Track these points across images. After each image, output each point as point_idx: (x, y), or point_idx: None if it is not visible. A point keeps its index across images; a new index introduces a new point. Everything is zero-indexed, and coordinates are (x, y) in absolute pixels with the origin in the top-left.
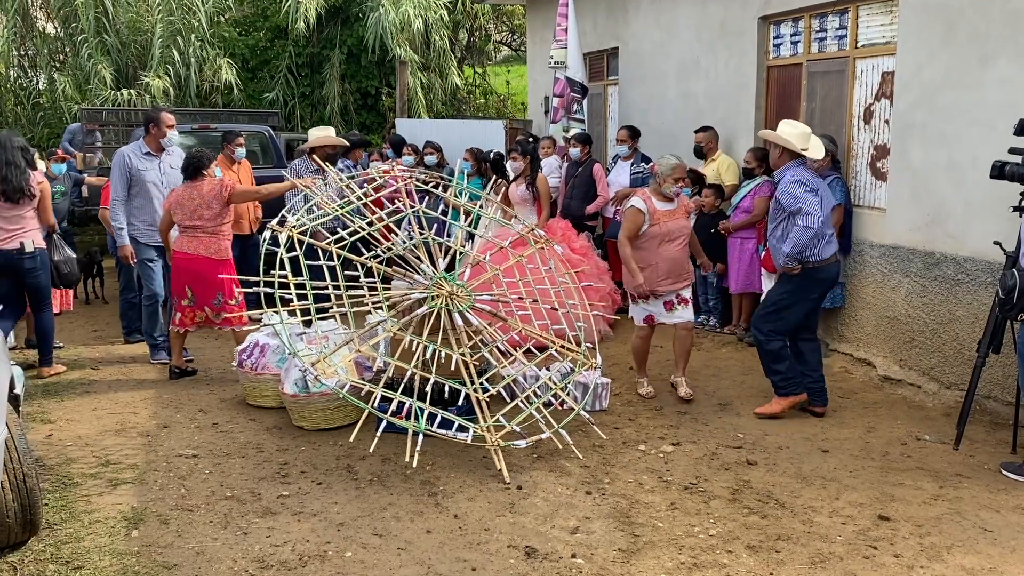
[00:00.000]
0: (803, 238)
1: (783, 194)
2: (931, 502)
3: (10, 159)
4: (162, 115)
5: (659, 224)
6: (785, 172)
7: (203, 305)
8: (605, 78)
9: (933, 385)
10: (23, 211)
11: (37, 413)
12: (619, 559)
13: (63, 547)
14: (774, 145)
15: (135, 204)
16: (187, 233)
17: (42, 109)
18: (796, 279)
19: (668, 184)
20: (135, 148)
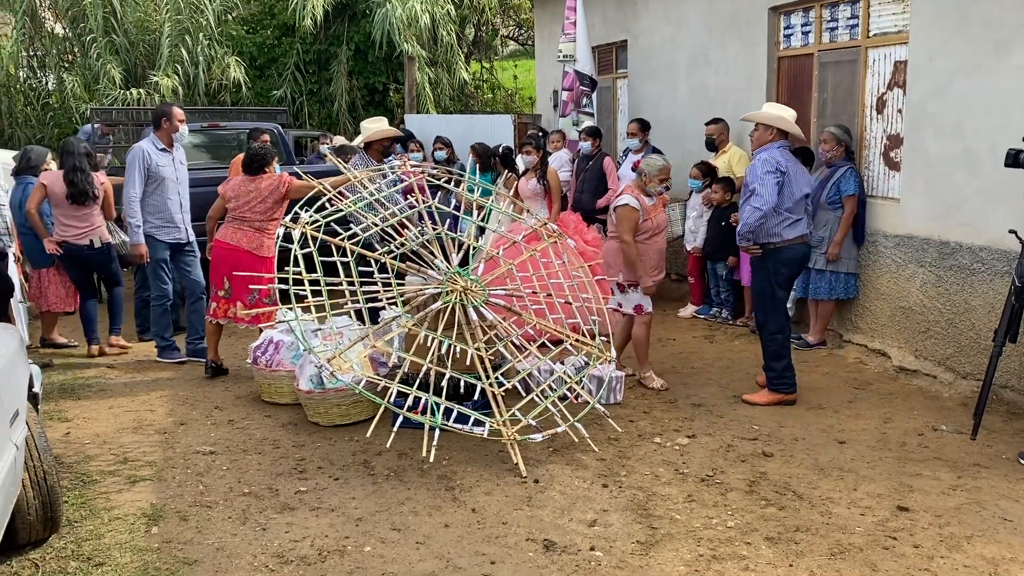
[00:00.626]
0: (752, 219)
1: (750, 170)
2: (950, 492)
3: (76, 164)
4: (173, 110)
5: (650, 219)
6: (762, 151)
7: (237, 300)
8: (614, 71)
9: (949, 375)
10: (91, 210)
11: (55, 412)
12: (638, 551)
13: (84, 544)
14: (763, 126)
15: (151, 201)
16: (233, 224)
17: (52, 109)
18: (765, 263)
19: (654, 184)
20: (151, 143)
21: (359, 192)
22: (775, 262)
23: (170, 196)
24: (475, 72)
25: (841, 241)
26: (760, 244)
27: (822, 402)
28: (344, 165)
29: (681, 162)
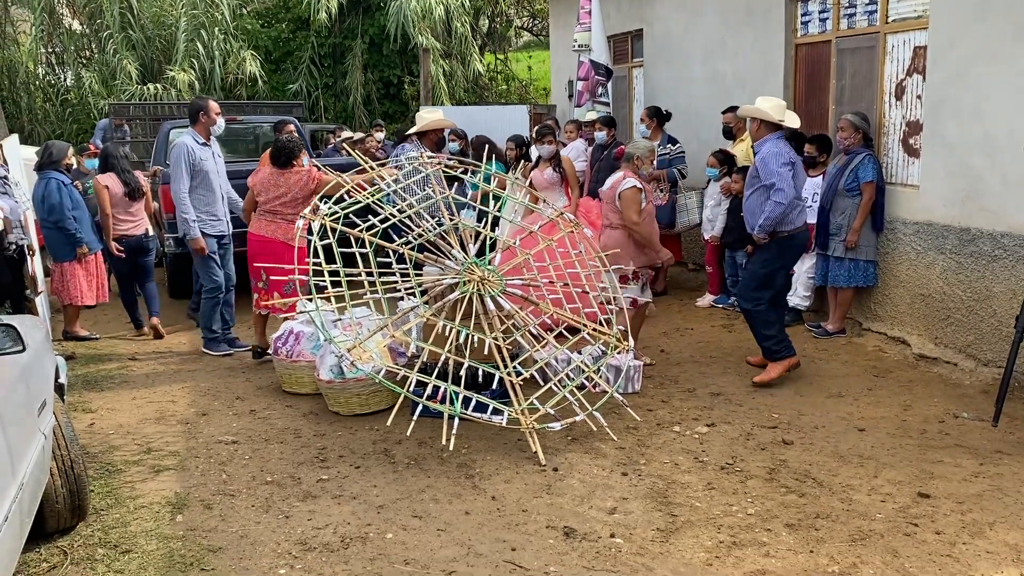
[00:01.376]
0: (775, 213)
1: (762, 164)
2: (971, 479)
3: (124, 167)
4: (209, 103)
5: (650, 202)
6: (764, 144)
7: (274, 291)
8: (630, 60)
9: (970, 363)
10: (140, 204)
11: (79, 403)
12: (658, 538)
13: (111, 532)
14: (751, 119)
15: (196, 195)
16: (265, 217)
17: (70, 105)
18: (773, 248)
19: (647, 166)
20: (191, 138)
21: (380, 184)
22: (787, 249)
23: (213, 189)
24: (489, 64)
25: (860, 228)
26: (772, 233)
27: (842, 390)
28: (361, 157)
29: (697, 151)
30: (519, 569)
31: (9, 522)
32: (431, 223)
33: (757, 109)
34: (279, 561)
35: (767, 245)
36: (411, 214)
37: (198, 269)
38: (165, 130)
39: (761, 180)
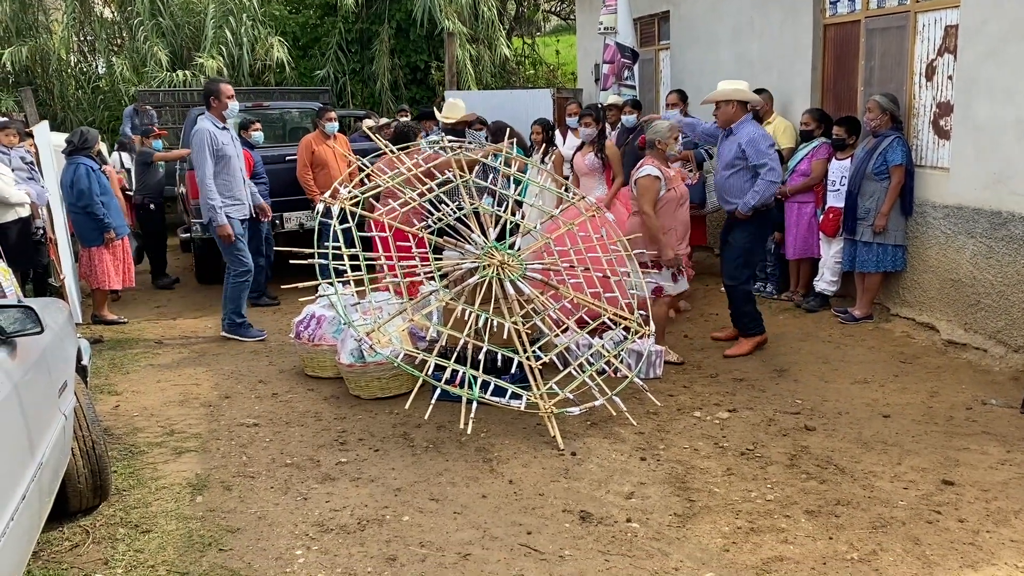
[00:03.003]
0: (770, 191)
1: (750, 146)
2: (997, 467)
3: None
4: (220, 86)
5: (673, 188)
6: (743, 125)
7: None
8: (656, 43)
9: (1000, 349)
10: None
11: (104, 385)
12: (675, 523)
13: (132, 512)
14: (724, 102)
15: (220, 180)
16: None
17: (101, 92)
18: (754, 224)
19: (672, 145)
20: (210, 123)
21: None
22: (767, 222)
23: (235, 173)
24: (516, 48)
25: (888, 212)
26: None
27: (867, 376)
28: (383, 142)
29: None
30: (534, 552)
31: (28, 500)
32: (451, 207)
33: (736, 91)
34: (296, 542)
35: (750, 220)
36: (431, 198)
37: (225, 254)
38: (192, 116)
39: (750, 161)
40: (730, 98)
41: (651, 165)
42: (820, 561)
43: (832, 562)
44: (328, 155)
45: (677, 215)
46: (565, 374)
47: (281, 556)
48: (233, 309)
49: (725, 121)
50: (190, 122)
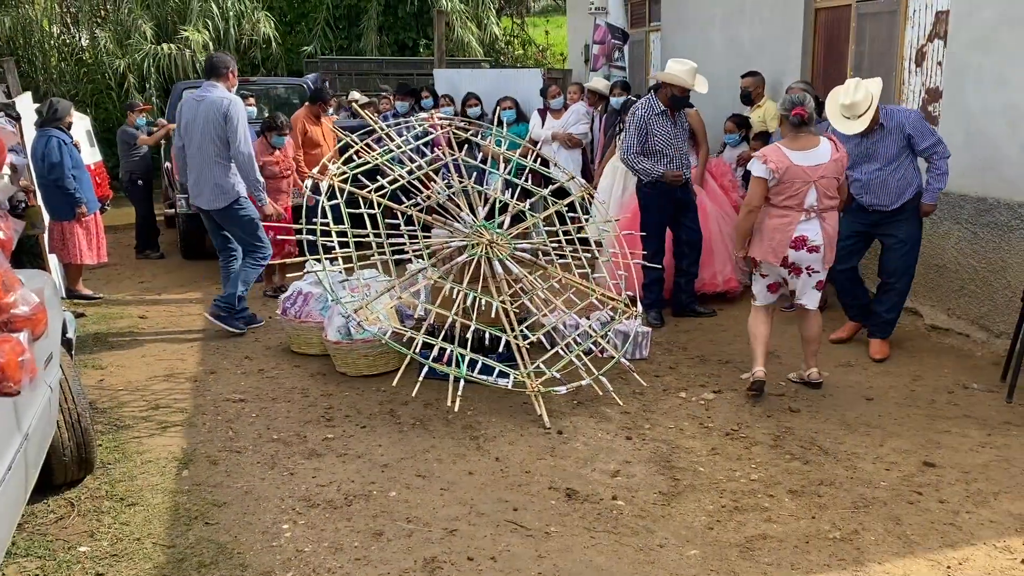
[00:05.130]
0: (947, 170)
1: (916, 129)
2: (978, 449)
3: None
4: (230, 59)
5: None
6: (894, 115)
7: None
8: (647, 24)
9: (983, 334)
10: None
11: (89, 360)
12: (660, 501)
13: (117, 485)
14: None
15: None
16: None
17: (85, 65)
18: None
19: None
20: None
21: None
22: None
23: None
24: (506, 28)
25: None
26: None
27: (851, 360)
28: (372, 117)
29: (715, 116)
30: (520, 529)
31: (14, 472)
32: (440, 185)
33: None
34: (282, 516)
35: (915, 209)
36: (420, 176)
37: (247, 235)
38: (179, 90)
39: (920, 145)
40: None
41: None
42: (803, 540)
43: (814, 541)
44: (319, 135)
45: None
46: (552, 354)
47: (267, 530)
48: (244, 291)
49: (872, 125)
50: (176, 96)
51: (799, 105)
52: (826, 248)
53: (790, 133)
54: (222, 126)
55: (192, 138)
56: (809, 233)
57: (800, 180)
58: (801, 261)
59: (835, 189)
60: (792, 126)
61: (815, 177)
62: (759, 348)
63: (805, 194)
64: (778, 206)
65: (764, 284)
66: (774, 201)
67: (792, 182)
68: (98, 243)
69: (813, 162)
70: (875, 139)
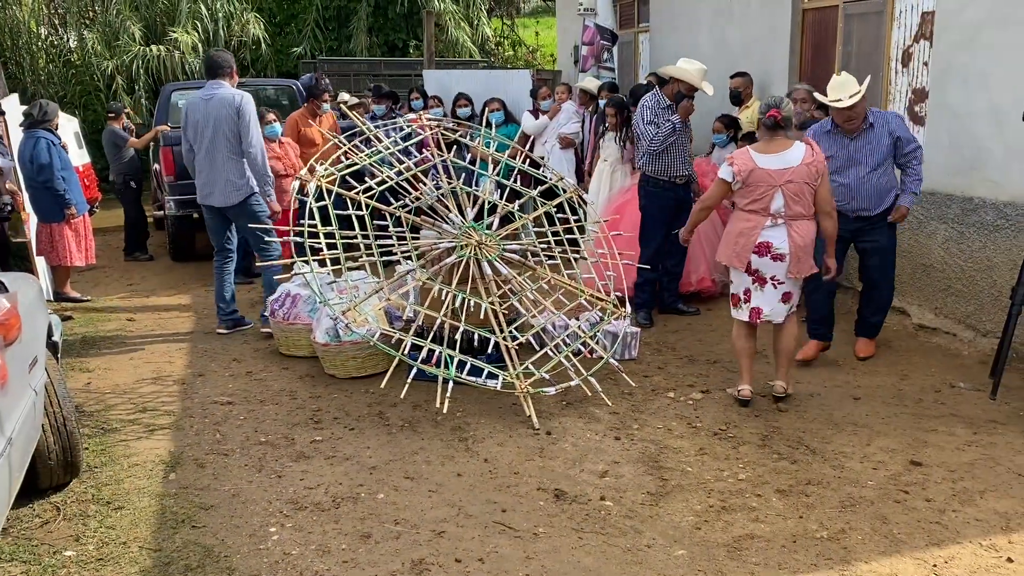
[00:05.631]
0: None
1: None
2: (964, 448)
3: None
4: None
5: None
6: (881, 114)
7: None
8: (636, 25)
9: (969, 333)
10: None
11: (76, 363)
12: (648, 502)
13: (104, 488)
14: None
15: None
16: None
17: (73, 67)
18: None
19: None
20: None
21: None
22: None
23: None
24: (496, 29)
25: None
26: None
27: (839, 359)
28: (360, 119)
29: (703, 116)
30: (508, 530)
31: None
32: (429, 186)
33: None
34: (270, 519)
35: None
36: (409, 177)
37: (252, 236)
38: (167, 92)
39: (904, 148)
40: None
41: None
42: (790, 539)
43: (802, 540)
44: (315, 135)
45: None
46: (541, 355)
47: (255, 533)
48: (269, 293)
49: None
50: (165, 98)
51: (775, 107)
52: (793, 258)
53: (764, 135)
54: (235, 121)
55: (202, 137)
56: (774, 240)
57: (765, 184)
58: (764, 269)
59: (807, 196)
60: (766, 128)
61: (781, 181)
62: (744, 362)
63: (771, 198)
64: (744, 209)
65: (732, 292)
66: (740, 204)
67: (756, 185)
68: (87, 245)
69: (780, 165)
70: (862, 141)
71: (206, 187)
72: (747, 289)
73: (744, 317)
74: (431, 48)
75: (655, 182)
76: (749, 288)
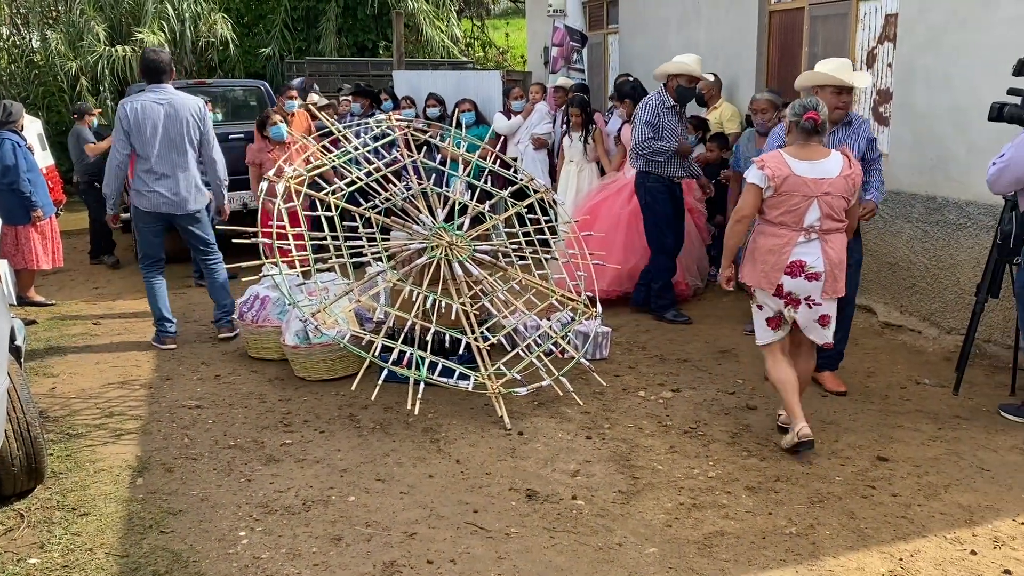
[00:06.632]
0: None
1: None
2: (929, 443)
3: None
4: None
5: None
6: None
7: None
8: (605, 27)
9: (934, 330)
10: None
11: (40, 367)
12: (619, 500)
13: (69, 495)
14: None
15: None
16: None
17: (36, 67)
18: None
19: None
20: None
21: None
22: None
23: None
24: (466, 30)
25: None
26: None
27: None
28: (330, 120)
29: None
30: (480, 530)
31: None
32: (399, 187)
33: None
34: (239, 523)
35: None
36: (379, 177)
37: (207, 237)
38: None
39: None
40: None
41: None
42: (760, 536)
43: (771, 536)
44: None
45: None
46: (513, 355)
47: (224, 537)
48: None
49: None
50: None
51: (812, 109)
52: (828, 276)
53: (798, 140)
54: (198, 128)
55: (161, 143)
56: (808, 258)
57: (800, 193)
58: (799, 290)
59: (842, 210)
60: (803, 132)
61: (819, 192)
62: (792, 398)
63: (805, 211)
64: (772, 222)
65: (763, 318)
66: (768, 216)
67: (791, 195)
68: (54, 248)
69: (819, 175)
70: (840, 137)
71: (169, 194)
72: (779, 312)
73: (781, 336)
74: (401, 49)
75: (655, 178)
76: (782, 311)
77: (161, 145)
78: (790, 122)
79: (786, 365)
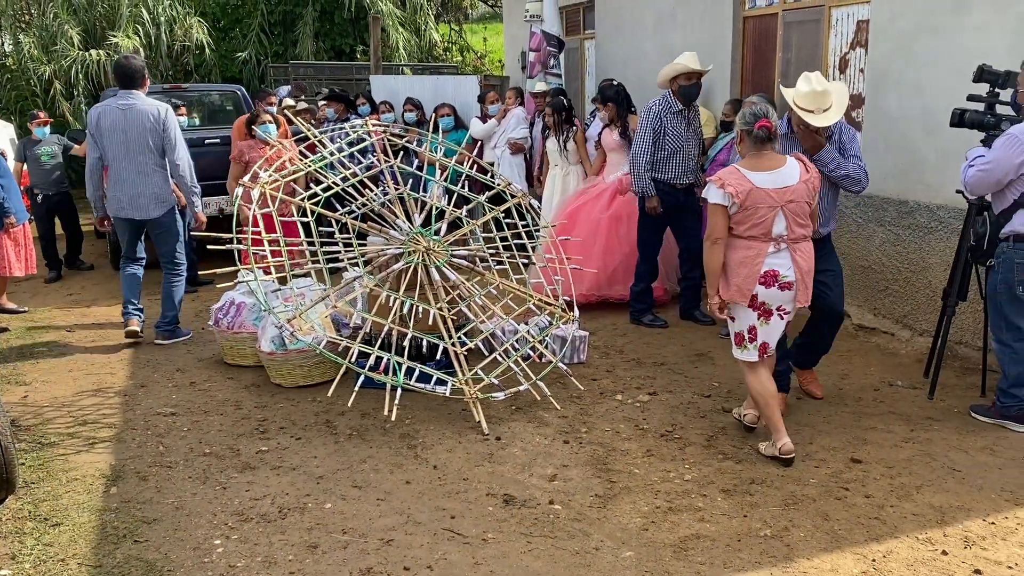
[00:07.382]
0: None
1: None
2: (901, 445)
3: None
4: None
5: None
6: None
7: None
8: (582, 32)
9: (906, 332)
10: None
11: (12, 375)
12: (596, 504)
13: (41, 505)
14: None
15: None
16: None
17: (8, 72)
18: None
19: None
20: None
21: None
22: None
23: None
24: (444, 34)
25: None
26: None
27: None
28: (306, 125)
29: None
30: (457, 536)
31: None
32: (375, 192)
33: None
34: (215, 532)
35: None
36: (355, 183)
37: (174, 246)
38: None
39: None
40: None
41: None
42: (735, 538)
43: (746, 539)
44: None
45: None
46: (490, 360)
47: (199, 546)
48: (178, 308)
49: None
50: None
51: (763, 117)
52: (800, 284)
53: (752, 150)
54: (159, 134)
55: (120, 148)
56: (780, 268)
57: (765, 205)
58: (772, 300)
59: (807, 215)
60: (757, 141)
61: (783, 201)
62: (774, 413)
63: (772, 221)
64: (742, 236)
65: (734, 331)
66: (737, 231)
67: (756, 208)
68: (27, 254)
69: (780, 184)
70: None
71: (126, 199)
72: (752, 326)
73: (753, 357)
74: (378, 53)
75: (656, 184)
76: (754, 324)
77: (120, 150)
78: (741, 131)
79: (766, 379)
